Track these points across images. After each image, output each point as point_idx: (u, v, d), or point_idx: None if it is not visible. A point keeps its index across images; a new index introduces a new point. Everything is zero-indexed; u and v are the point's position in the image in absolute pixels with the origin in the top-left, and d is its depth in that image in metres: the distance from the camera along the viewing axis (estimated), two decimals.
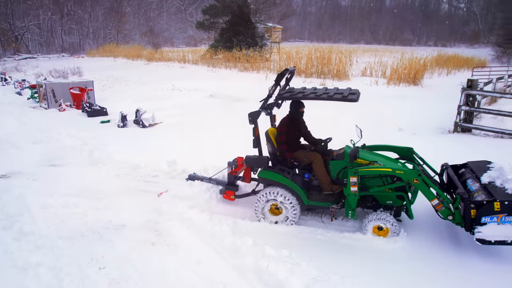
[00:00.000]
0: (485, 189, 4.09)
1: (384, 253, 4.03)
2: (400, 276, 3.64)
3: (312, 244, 4.25)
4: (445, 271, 3.73)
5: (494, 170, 4.33)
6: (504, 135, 8.32)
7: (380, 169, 4.31)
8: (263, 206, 4.71)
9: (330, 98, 4.37)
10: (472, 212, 3.87)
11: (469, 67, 28.32)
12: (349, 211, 4.44)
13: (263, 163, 4.80)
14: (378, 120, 9.97)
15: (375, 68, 21.82)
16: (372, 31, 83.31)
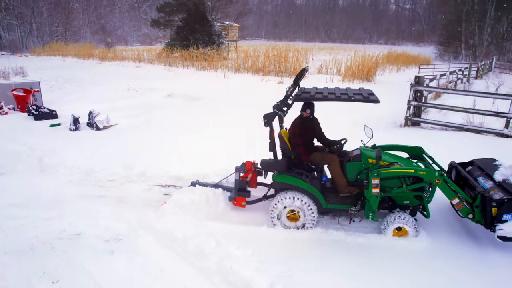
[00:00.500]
0: (500, 187, 4.19)
1: (406, 253, 4.04)
2: (423, 274, 3.69)
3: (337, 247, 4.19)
4: (466, 267, 3.80)
5: (506, 168, 4.49)
6: (448, 127, 8.96)
7: (402, 170, 4.27)
8: (279, 211, 4.49)
9: (350, 99, 4.28)
10: (493, 210, 3.95)
11: (416, 64, 30.13)
12: (370, 213, 4.37)
13: (280, 166, 4.58)
14: (335, 117, 10.27)
15: (330, 65, 22.50)
16: (326, 30, 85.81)
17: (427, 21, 77.83)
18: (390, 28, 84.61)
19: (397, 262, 3.86)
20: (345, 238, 4.30)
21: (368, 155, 4.48)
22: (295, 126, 4.65)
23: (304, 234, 4.40)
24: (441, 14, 55.23)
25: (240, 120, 9.68)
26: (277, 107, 4.43)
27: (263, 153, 6.88)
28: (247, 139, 7.89)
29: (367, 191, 4.25)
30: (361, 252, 4.05)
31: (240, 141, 7.74)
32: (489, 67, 29.53)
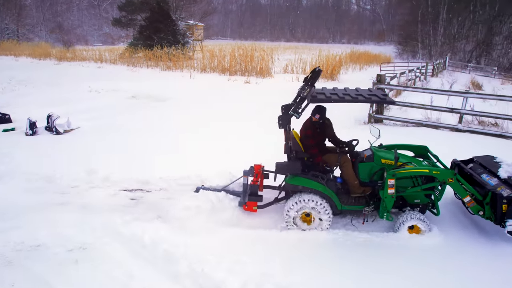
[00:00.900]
0: (506, 184, 4.34)
1: (421, 250, 4.14)
2: (438, 269, 3.82)
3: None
4: (478, 262, 3.96)
5: (509, 165, 4.63)
6: (408, 123, 9.40)
7: (417, 170, 4.33)
8: (295, 214, 4.42)
9: (369, 100, 4.24)
10: (504, 207, 4.09)
11: (378, 63, 31.25)
12: (385, 213, 4.38)
13: (296, 169, 4.46)
14: (302, 115, 10.45)
15: (296, 65, 22.82)
16: (291, 29, 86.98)
17: (387, 21, 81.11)
18: (352, 28, 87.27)
19: (412, 259, 3.98)
20: (359, 238, 4.36)
21: (381, 155, 4.55)
22: (307, 128, 4.63)
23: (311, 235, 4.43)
24: (399, 15, 57.74)
25: (208, 120, 9.59)
26: (293, 109, 4.31)
27: (240, 154, 6.91)
28: (217, 140, 7.85)
29: (382, 192, 4.29)
30: (376, 249, 4.14)
31: (210, 143, 7.67)
32: (443, 66, 31.22)
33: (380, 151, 4.73)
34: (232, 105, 11.75)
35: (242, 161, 6.52)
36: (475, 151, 5.52)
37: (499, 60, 38.97)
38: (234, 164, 6.46)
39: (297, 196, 4.43)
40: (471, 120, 9.51)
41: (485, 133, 8.60)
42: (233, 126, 9.08)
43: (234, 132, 8.54)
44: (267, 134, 8.39)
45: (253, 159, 6.76)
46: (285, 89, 15.76)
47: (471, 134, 8.62)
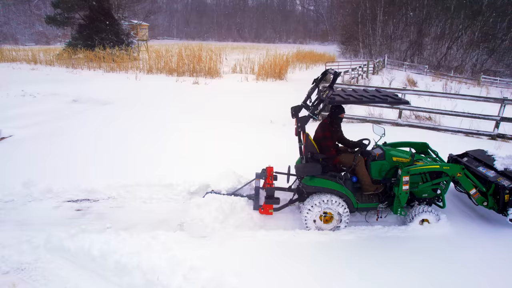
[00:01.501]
0: (504, 175, 4.68)
1: (433, 238, 4.38)
2: (449, 255, 4.09)
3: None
4: (486, 246, 4.29)
5: (503, 158, 4.98)
6: (354, 119, 9.89)
7: (429, 166, 4.53)
8: (314, 215, 4.47)
9: (385, 101, 4.27)
10: (506, 197, 4.43)
11: (323, 62, 32.49)
12: (398, 209, 4.56)
13: (316, 170, 4.44)
14: (251, 115, 10.54)
15: (244, 64, 22.96)
16: (238, 29, 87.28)
17: (330, 21, 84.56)
18: (297, 28, 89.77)
19: (427, 248, 4.22)
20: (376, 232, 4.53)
21: (392, 154, 4.72)
22: (326, 130, 4.65)
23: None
24: (341, 16, 60.51)
25: (159, 123, 9.30)
26: (311, 111, 4.31)
27: (190, 158, 6.78)
28: (169, 145, 7.63)
29: (397, 188, 4.46)
30: (394, 241, 4.35)
31: (160, 148, 7.43)
32: (383, 64, 33.31)
33: (391, 149, 4.90)
34: (182, 106, 11.52)
35: (187, 165, 6.47)
36: None
37: (429, 59, 42.49)
38: (184, 169, 6.37)
39: (316, 197, 4.49)
40: (409, 115, 10.25)
41: (421, 127, 9.33)
42: (184, 127, 8.90)
43: (185, 133, 8.37)
44: (225, 134, 8.36)
45: (203, 161, 6.71)
46: (235, 89, 15.81)
47: (409, 128, 9.29)
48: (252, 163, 6.05)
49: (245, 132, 8.63)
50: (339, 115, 4.68)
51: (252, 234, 4.39)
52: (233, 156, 6.95)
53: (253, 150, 7.35)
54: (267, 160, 6.14)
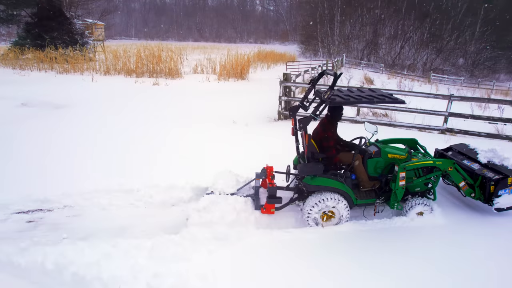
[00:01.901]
0: (487, 168, 4.97)
1: (428, 227, 4.66)
2: (445, 241, 4.40)
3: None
4: (477, 232, 4.64)
5: (486, 151, 5.26)
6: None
7: (424, 162, 4.75)
8: (317, 213, 4.57)
9: (383, 101, 4.40)
10: (492, 188, 4.74)
11: (284, 61, 32.93)
12: (395, 203, 4.78)
13: (319, 170, 4.47)
14: (214, 115, 10.46)
15: (205, 65, 22.74)
16: (198, 29, 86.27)
17: (289, 21, 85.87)
18: (258, 27, 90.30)
19: (422, 235, 4.52)
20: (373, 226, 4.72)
21: (388, 151, 4.92)
22: (327, 130, 4.73)
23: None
24: (300, 16, 61.69)
25: (118, 126, 8.95)
26: (313, 112, 4.31)
27: (154, 162, 6.59)
28: (130, 149, 7.37)
29: (394, 184, 4.63)
30: (392, 233, 4.57)
31: (121, 153, 7.16)
32: (341, 63, 34.36)
33: (386, 146, 5.07)
34: (142, 107, 11.18)
35: (149, 169, 6.31)
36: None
37: (384, 58, 44.48)
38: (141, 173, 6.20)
39: (317, 196, 4.59)
40: (366, 112, 10.65)
41: (378, 123, 9.72)
42: (145, 129, 8.65)
43: (146, 136, 8.14)
44: (189, 136, 8.21)
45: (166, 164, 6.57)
46: (196, 89, 15.62)
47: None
48: (212, 165, 6.01)
49: (208, 132, 8.55)
50: (341, 112, 4.79)
51: (258, 233, 4.43)
52: (194, 159, 6.86)
53: (216, 151, 7.30)
54: (228, 161, 6.12)
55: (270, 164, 5.56)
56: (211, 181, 5.33)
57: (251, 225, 4.58)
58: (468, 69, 44.43)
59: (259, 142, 7.91)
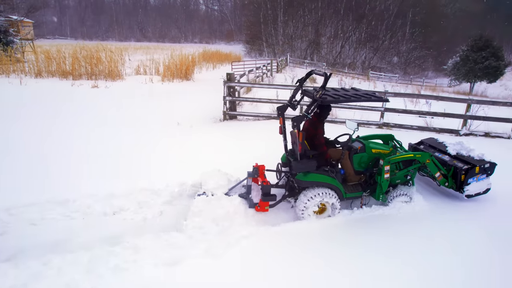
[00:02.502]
0: (457, 159, 5.52)
1: (411, 214, 5.04)
2: (428, 225, 4.81)
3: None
4: (455, 217, 5.06)
5: (454, 144, 5.82)
6: (260, 117, 10.22)
7: (405, 155, 5.11)
8: (311, 207, 4.74)
9: (370, 99, 4.68)
10: (462, 177, 5.27)
11: (229, 61, 32.91)
12: (380, 195, 5.09)
13: (312, 166, 4.69)
14: (158, 117, 10.12)
15: (149, 65, 21.95)
16: (141, 29, 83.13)
17: (234, 21, 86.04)
18: (203, 27, 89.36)
19: (404, 218, 4.93)
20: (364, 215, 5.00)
21: (372, 146, 5.21)
22: (317, 127, 4.85)
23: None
24: (244, 16, 62.08)
25: (52, 132, 8.27)
26: (305, 111, 4.48)
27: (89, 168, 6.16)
28: (66, 157, 6.84)
29: (379, 177, 4.96)
30: (381, 220, 4.90)
31: (54, 161, 6.62)
32: (286, 62, 35.15)
33: (370, 142, 5.36)
34: (80, 112, 10.47)
35: (92, 178, 5.94)
36: None
37: (326, 57, 46.36)
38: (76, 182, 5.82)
39: (310, 191, 4.77)
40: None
41: None
42: (84, 135, 8.10)
43: (84, 142, 7.63)
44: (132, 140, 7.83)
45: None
46: (139, 91, 15.00)
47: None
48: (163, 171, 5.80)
49: (148, 135, 8.24)
50: (327, 112, 4.99)
51: (256, 229, 4.49)
52: (135, 164, 6.57)
53: (161, 154, 7.06)
54: (172, 164, 5.94)
55: (220, 162, 5.53)
56: (179, 183, 5.31)
57: (248, 223, 4.64)
58: (401, 67, 47.98)
59: (205, 142, 7.80)
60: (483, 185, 5.46)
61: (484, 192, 5.53)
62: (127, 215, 4.97)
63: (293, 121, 4.47)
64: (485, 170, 5.38)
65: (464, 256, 4.18)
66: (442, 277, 3.80)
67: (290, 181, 5.15)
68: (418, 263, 4.00)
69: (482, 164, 5.32)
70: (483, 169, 5.35)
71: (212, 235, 4.31)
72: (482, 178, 5.41)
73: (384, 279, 3.71)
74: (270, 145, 6.79)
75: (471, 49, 34.58)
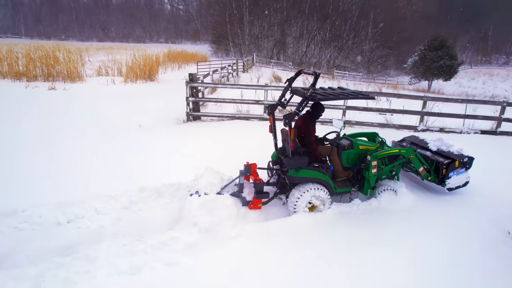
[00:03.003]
0: (438, 154, 5.83)
1: (398, 206, 5.25)
2: (413, 214, 5.05)
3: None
4: (437, 207, 5.37)
5: (434, 141, 6.13)
6: (224, 117, 10.13)
7: (391, 151, 5.33)
8: (303, 202, 4.83)
9: (356, 97, 4.83)
10: (444, 171, 5.55)
11: (195, 61, 32.47)
12: (368, 190, 5.28)
13: (304, 163, 4.82)
14: (118, 120, 9.78)
15: (111, 66, 21.21)
16: (103, 28, 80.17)
17: (200, 21, 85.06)
18: (168, 27, 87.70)
19: (392, 210, 5.16)
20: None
21: (359, 143, 5.42)
22: (309, 125, 4.96)
23: None
24: (210, 15, 61.54)
25: (5, 138, 7.76)
26: (296, 108, 4.58)
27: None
28: (11, 164, 6.42)
29: (367, 172, 5.15)
30: (371, 213, 5.07)
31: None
32: (252, 62, 35.22)
33: (357, 139, 5.58)
34: (37, 116, 9.89)
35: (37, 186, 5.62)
36: None
37: (293, 56, 46.94)
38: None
39: (302, 187, 4.87)
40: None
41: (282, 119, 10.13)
42: (36, 141, 7.65)
43: (34, 148, 7.20)
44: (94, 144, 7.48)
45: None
46: (100, 93, 14.46)
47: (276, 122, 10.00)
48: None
49: (107, 138, 7.93)
50: (320, 112, 5.12)
51: (250, 226, 4.55)
52: (91, 169, 6.30)
53: (117, 159, 6.81)
54: (128, 169, 5.74)
55: (181, 166, 5.41)
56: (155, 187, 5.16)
57: (241, 221, 4.69)
58: (365, 65, 49.46)
59: (166, 144, 7.61)
60: (462, 178, 5.76)
61: (464, 185, 5.83)
62: (82, 223, 4.73)
63: (285, 119, 4.60)
64: (464, 164, 5.69)
65: (451, 243, 4.45)
66: (430, 263, 4.00)
67: (281, 178, 5.23)
68: (409, 252, 4.20)
69: (461, 158, 5.61)
70: (462, 163, 5.65)
71: (201, 235, 4.30)
72: (462, 171, 5.71)
73: (373, 270, 3.84)
74: (232, 145, 6.74)
75: (427, 49, 36.30)
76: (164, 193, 5.46)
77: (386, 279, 3.72)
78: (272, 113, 4.88)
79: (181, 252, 4.02)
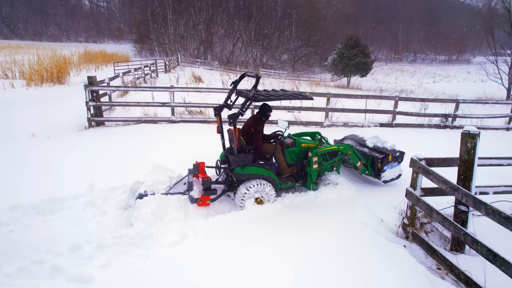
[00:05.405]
0: (374, 150, 6.34)
1: (339, 196, 5.63)
2: (348, 204, 5.35)
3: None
4: (377, 195, 5.79)
5: (371, 138, 6.63)
6: (130, 122, 9.67)
7: (330, 148, 5.75)
8: (250, 198, 5.08)
9: (296, 98, 5.19)
10: (379, 165, 6.02)
11: (116, 61, 30.76)
12: (311, 184, 5.66)
13: (249, 160, 5.05)
14: (6, 129, 8.83)
15: (11, 68, 19.12)
16: (8, 24, 71.85)
17: (124, 19, 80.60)
18: (88, 25, 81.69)
19: (333, 198, 5.53)
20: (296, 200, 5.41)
21: (301, 141, 5.81)
22: (258, 124, 5.28)
23: None
24: (133, 13, 58.71)
25: None
26: (240, 108, 4.78)
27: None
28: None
29: (309, 168, 5.56)
30: (311, 205, 5.34)
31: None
32: (177, 62, 34.41)
33: (299, 138, 5.98)
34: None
35: None
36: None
37: (220, 55, 46.90)
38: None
39: (248, 183, 5.11)
40: (183, 111, 10.84)
41: (194, 121, 10.05)
42: None
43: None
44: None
45: None
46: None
47: (184, 124, 9.84)
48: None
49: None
50: (268, 112, 5.41)
51: (199, 222, 4.60)
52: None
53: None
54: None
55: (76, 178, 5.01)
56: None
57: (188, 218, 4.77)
58: (290, 63, 51.29)
59: (60, 156, 7.05)
60: (396, 171, 6.31)
61: (397, 177, 6.38)
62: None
63: (229, 118, 4.88)
64: (397, 158, 6.22)
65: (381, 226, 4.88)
66: (361, 245, 4.26)
67: (229, 176, 5.43)
68: (345, 234, 4.48)
69: (394, 153, 6.13)
70: (395, 157, 6.17)
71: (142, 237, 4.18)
72: (395, 165, 6.25)
73: (306, 250, 4.11)
74: (136, 151, 6.44)
75: (344, 47, 38.88)
76: (44, 210, 5.03)
77: (313, 253, 4.06)
78: (218, 114, 5.08)
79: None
